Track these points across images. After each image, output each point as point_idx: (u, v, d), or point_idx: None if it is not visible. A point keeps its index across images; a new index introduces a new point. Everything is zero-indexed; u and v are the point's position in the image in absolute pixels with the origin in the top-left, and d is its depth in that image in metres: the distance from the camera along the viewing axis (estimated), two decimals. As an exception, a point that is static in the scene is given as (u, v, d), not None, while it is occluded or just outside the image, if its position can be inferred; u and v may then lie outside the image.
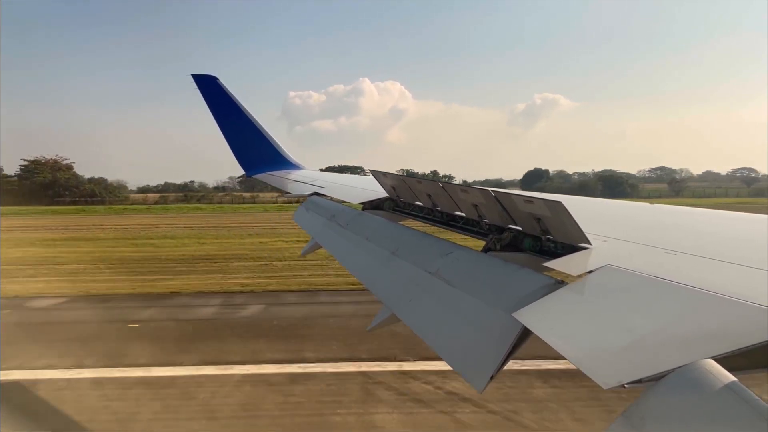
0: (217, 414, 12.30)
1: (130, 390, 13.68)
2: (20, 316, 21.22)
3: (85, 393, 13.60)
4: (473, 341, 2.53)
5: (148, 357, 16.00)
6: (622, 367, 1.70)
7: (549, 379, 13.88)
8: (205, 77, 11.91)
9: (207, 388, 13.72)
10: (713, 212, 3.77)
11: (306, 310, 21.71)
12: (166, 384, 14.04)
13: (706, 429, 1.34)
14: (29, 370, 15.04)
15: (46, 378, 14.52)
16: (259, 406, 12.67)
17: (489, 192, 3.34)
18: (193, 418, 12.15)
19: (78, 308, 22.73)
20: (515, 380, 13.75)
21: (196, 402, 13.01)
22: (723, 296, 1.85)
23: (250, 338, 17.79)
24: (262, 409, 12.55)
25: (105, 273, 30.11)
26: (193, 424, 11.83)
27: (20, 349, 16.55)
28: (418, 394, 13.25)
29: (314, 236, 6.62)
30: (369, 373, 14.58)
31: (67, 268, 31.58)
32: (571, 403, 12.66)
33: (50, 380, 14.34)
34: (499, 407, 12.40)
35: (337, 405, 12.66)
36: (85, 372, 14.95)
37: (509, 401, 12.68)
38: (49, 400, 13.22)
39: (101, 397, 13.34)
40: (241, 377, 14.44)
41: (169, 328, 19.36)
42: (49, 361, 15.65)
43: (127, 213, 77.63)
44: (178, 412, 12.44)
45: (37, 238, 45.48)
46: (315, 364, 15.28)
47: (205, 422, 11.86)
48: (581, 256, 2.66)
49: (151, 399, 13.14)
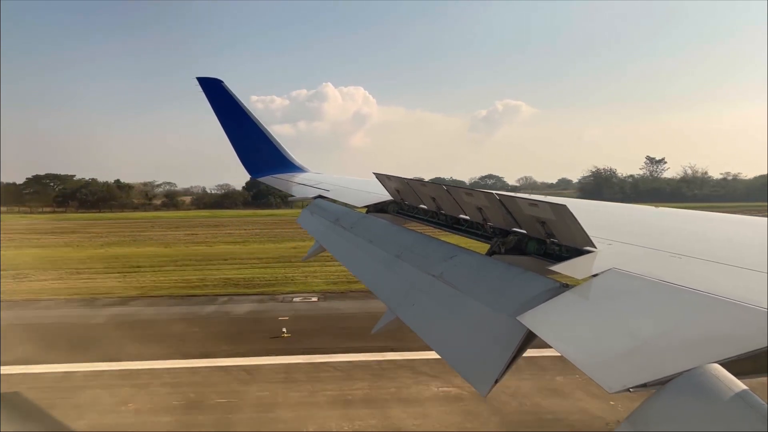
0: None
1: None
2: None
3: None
4: (477, 345, 2.53)
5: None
6: (628, 371, 1.69)
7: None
8: (210, 80, 11.91)
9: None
10: (717, 215, 3.75)
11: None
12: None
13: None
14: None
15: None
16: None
17: (493, 195, 3.33)
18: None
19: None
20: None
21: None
22: (728, 300, 1.84)
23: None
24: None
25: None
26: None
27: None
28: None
29: (318, 239, 6.61)
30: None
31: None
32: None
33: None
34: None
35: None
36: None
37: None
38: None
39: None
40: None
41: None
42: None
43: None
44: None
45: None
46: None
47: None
48: (586, 260, 2.65)
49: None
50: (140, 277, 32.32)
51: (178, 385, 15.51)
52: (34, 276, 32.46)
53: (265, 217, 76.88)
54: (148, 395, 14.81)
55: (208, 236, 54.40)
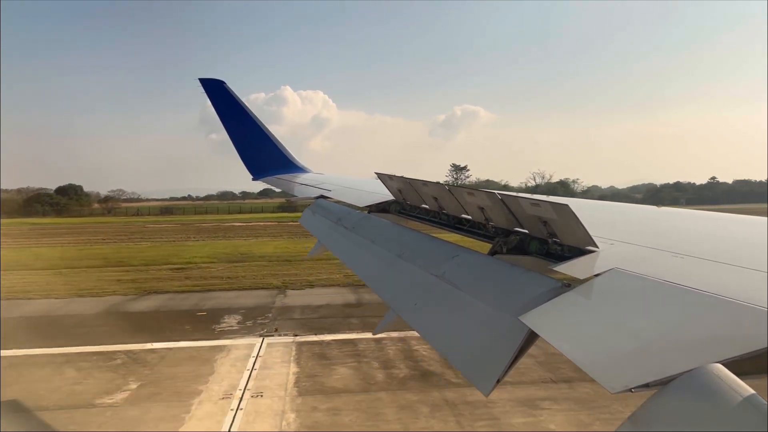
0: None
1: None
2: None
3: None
4: (479, 345, 2.53)
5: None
6: (630, 371, 1.69)
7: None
8: (212, 81, 11.96)
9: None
10: (720, 215, 3.74)
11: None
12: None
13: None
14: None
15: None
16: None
17: (495, 195, 3.34)
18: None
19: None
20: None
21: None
22: (731, 300, 1.83)
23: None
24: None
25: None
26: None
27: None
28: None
29: (321, 239, 6.63)
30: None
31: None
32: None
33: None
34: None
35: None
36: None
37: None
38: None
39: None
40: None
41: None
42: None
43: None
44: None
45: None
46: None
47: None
48: (588, 260, 2.65)
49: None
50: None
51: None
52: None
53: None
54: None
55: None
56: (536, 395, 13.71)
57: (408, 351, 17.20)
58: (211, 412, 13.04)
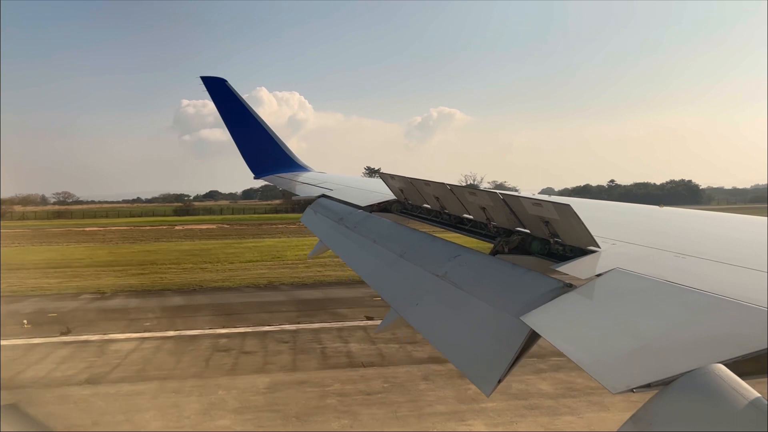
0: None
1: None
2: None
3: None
4: (481, 345, 2.53)
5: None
6: (631, 371, 1.70)
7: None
8: (214, 80, 11.93)
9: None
10: (722, 215, 3.74)
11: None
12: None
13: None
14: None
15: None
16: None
17: (497, 194, 3.34)
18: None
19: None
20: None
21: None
22: (733, 300, 1.83)
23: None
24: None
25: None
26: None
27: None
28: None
29: (322, 238, 6.63)
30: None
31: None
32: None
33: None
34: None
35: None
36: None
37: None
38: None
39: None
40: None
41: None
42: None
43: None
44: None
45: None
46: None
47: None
48: (590, 260, 2.65)
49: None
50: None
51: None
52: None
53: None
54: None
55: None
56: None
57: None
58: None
